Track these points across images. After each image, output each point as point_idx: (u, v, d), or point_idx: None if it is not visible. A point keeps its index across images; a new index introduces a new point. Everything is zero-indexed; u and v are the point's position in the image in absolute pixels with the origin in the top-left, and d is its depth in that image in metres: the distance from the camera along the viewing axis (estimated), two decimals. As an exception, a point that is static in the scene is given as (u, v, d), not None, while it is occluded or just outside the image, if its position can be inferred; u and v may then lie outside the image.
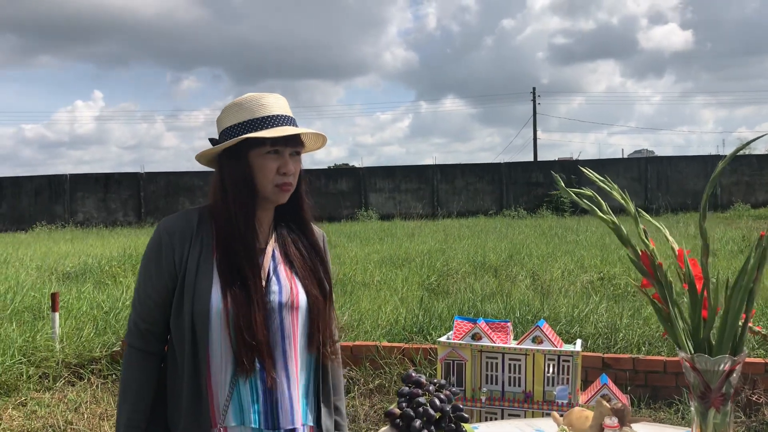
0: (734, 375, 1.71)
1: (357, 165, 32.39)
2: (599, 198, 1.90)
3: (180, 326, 1.54)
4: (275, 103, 1.63)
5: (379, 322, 5.91)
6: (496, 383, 3.51)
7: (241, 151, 1.59)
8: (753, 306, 1.73)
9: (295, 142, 1.62)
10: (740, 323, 1.71)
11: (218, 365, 1.54)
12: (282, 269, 1.64)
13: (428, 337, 5.42)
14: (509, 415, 3.46)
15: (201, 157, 1.66)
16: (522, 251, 11.29)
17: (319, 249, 1.73)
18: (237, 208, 1.58)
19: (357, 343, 5.30)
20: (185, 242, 1.57)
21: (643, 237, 1.81)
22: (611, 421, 1.58)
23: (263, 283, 1.59)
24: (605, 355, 4.84)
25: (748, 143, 1.85)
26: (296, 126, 1.64)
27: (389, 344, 5.23)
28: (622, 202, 1.84)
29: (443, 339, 3.61)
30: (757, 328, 1.86)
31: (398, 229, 17.49)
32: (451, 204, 26.49)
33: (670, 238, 1.90)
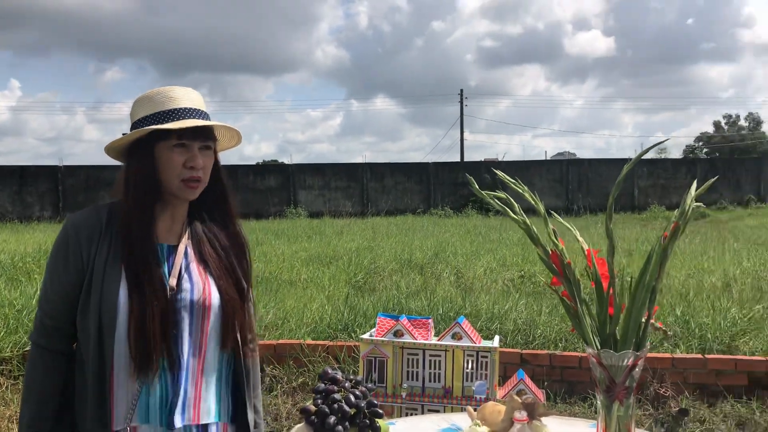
0: (637, 369, 1.80)
1: (286, 162, 32.15)
2: (512, 200, 1.96)
3: (86, 325, 1.51)
4: (185, 96, 1.60)
5: (304, 321, 5.89)
6: (417, 379, 3.56)
7: (147, 144, 1.56)
8: (655, 303, 1.82)
9: (204, 136, 1.59)
10: (643, 320, 1.80)
11: (124, 364, 1.51)
12: (194, 267, 1.62)
13: (353, 334, 5.44)
14: (429, 410, 3.51)
15: (110, 150, 1.62)
16: (447, 249, 11.46)
17: (239, 247, 1.72)
18: (135, 203, 1.55)
19: (281, 341, 5.27)
20: (93, 239, 1.53)
21: (553, 237, 1.88)
22: (520, 415, 1.64)
23: (175, 281, 1.57)
24: (523, 351, 4.98)
25: (647, 150, 1.95)
26: (208, 120, 1.62)
27: (313, 342, 5.23)
28: (533, 202, 1.90)
29: (366, 336, 3.64)
30: (658, 325, 1.96)
31: (327, 227, 17.46)
32: (380, 202, 26.63)
33: (579, 238, 1.97)
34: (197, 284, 1.59)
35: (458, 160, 35.88)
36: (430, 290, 7.24)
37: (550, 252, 1.86)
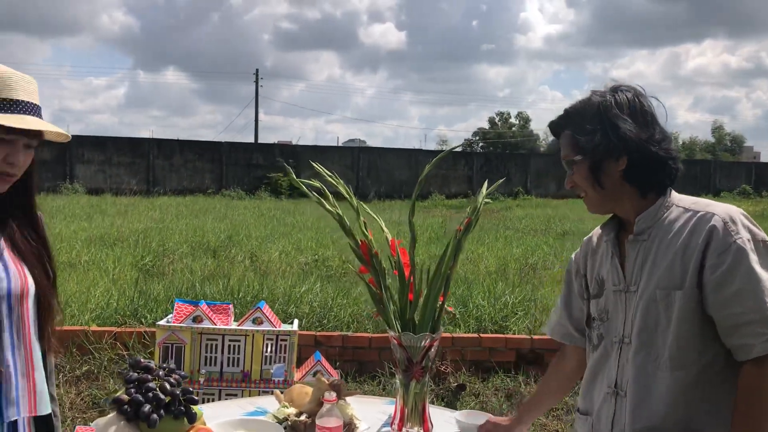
0: (432, 350, 1.99)
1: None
2: (326, 190, 2.06)
3: None
4: (25, 88, 1.49)
5: (88, 306, 5.56)
6: (215, 364, 3.55)
7: None
8: (449, 290, 2.03)
9: (32, 136, 1.50)
10: (438, 305, 1.99)
11: None
12: (7, 254, 1.53)
13: (143, 320, 5.24)
14: (227, 395, 3.53)
15: None
16: (241, 232, 11.36)
17: (45, 237, 1.65)
18: None
19: (63, 328, 4.93)
20: None
21: (363, 228, 2.01)
22: (329, 395, 1.74)
23: None
24: (318, 333, 5.14)
25: (451, 150, 2.15)
26: (41, 117, 1.51)
27: (99, 328, 4.97)
28: (347, 196, 2.01)
29: (162, 323, 3.56)
30: (449, 308, 2.18)
31: (109, 206, 16.42)
32: (168, 181, 25.53)
33: (384, 229, 2.13)
34: (13, 272, 1.51)
35: (252, 140, 35.48)
36: (224, 274, 7.15)
37: (360, 242, 1.99)
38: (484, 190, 2.06)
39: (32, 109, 1.50)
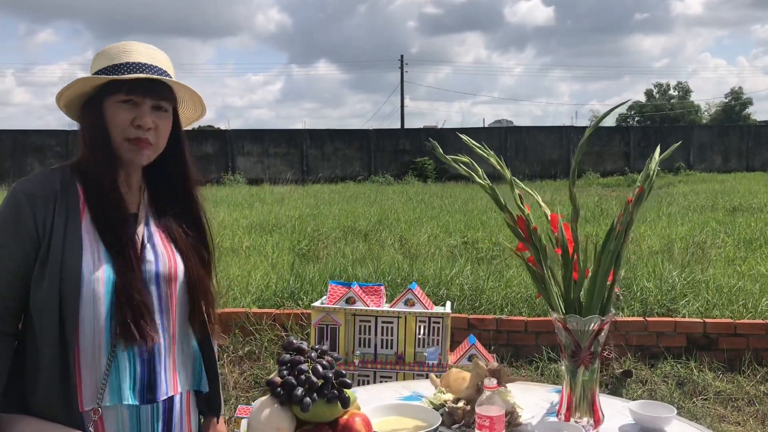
0: (602, 334, 1.80)
1: (223, 127, 31.37)
2: (476, 165, 1.92)
3: (42, 298, 1.37)
4: (143, 52, 1.46)
5: (248, 289, 5.79)
6: (369, 346, 3.53)
7: (98, 99, 1.44)
8: (620, 268, 1.82)
9: (158, 94, 1.45)
10: (608, 284, 1.80)
11: (90, 340, 1.39)
12: (158, 238, 1.52)
13: (300, 302, 5.38)
14: (381, 377, 3.50)
15: (64, 108, 1.50)
16: (390, 216, 11.46)
17: (198, 218, 1.63)
18: (99, 163, 1.43)
19: (226, 310, 5.16)
20: (48, 206, 1.39)
21: (519, 203, 1.85)
22: (490, 382, 1.61)
23: (138, 251, 1.47)
24: (470, 316, 5.01)
25: (603, 116, 1.96)
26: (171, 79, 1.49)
27: (259, 310, 5.14)
28: (499, 168, 1.87)
29: (317, 304, 3.59)
30: (615, 289, 1.97)
31: (267, 194, 17.22)
32: (320, 169, 26.40)
33: (542, 203, 1.95)
34: (162, 255, 1.50)
35: (399, 126, 35.84)
36: (374, 257, 7.21)
37: (516, 217, 1.83)
38: (656, 156, 1.84)
39: (149, 69, 1.45)
